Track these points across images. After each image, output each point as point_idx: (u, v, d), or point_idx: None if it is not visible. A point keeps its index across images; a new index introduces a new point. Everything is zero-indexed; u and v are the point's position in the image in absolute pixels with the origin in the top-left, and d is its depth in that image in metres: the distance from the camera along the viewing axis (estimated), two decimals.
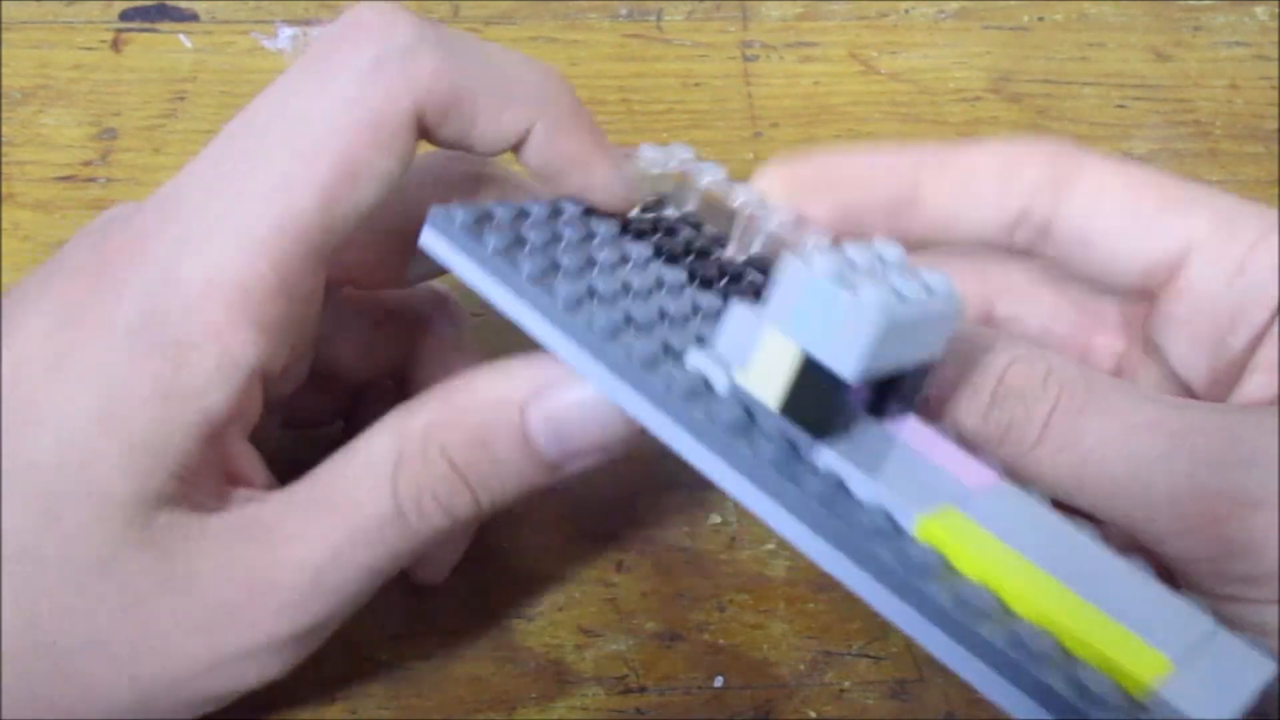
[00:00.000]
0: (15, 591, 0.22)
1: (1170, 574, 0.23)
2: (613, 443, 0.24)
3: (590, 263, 0.25)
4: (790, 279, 0.20)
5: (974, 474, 0.22)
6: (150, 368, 0.22)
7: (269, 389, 0.24)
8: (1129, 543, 0.23)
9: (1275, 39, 0.41)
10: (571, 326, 0.23)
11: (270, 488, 0.25)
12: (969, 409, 0.23)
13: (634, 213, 0.27)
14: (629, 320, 0.23)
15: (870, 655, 0.29)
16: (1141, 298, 0.28)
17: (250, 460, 0.24)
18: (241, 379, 0.23)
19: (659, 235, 0.27)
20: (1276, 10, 0.42)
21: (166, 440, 0.22)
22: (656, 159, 0.27)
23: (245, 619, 0.23)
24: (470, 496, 0.24)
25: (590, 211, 0.27)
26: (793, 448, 0.21)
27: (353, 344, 0.29)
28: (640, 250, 0.26)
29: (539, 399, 0.23)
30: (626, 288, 0.25)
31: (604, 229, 0.26)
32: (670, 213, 0.28)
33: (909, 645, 0.29)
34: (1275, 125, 0.39)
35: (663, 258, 0.26)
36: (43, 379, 0.22)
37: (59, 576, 0.22)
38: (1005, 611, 0.19)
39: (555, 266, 0.24)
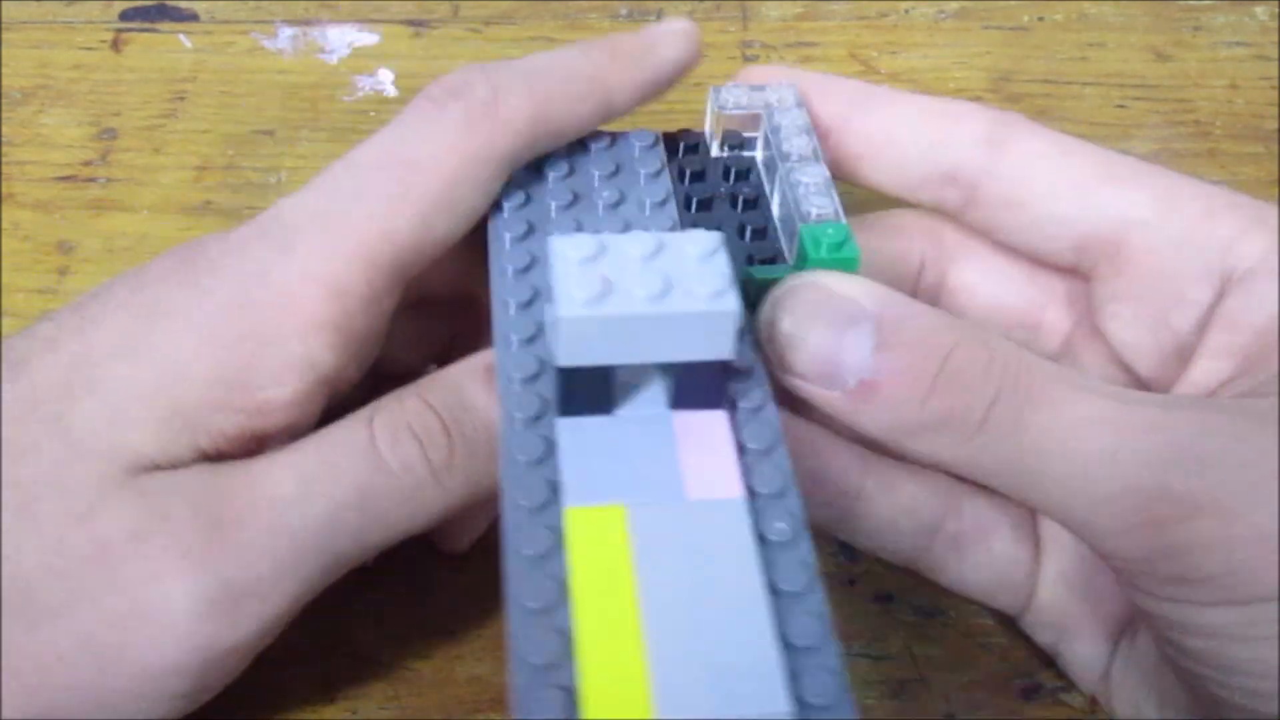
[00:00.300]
0: (12, 554, 0.22)
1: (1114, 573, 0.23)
2: None
3: (584, 203, 0.26)
4: (552, 260, 0.20)
5: (710, 483, 0.21)
6: (218, 356, 0.23)
7: (329, 399, 0.25)
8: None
9: (1275, 39, 0.41)
10: (504, 260, 0.25)
11: None
12: (908, 395, 0.22)
13: (715, 150, 0.28)
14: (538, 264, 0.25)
15: (870, 655, 0.29)
16: (1074, 274, 0.27)
17: None
18: (311, 382, 0.23)
19: (687, 182, 0.27)
20: (1276, 10, 0.42)
21: (207, 418, 0.23)
22: (738, 100, 0.28)
23: (205, 561, 0.22)
24: (443, 432, 0.24)
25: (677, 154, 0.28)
26: (542, 412, 0.22)
27: (403, 337, 0.29)
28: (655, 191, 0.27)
29: None
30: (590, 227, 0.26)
31: (645, 174, 0.27)
32: (749, 153, 0.28)
33: (909, 645, 0.29)
34: (1275, 125, 0.39)
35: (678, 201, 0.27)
36: (108, 360, 0.23)
37: (48, 532, 0.22)
38: (560, 607, 0.19)
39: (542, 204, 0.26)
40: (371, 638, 0.29)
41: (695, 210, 0.27)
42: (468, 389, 0.24)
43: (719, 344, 0.21)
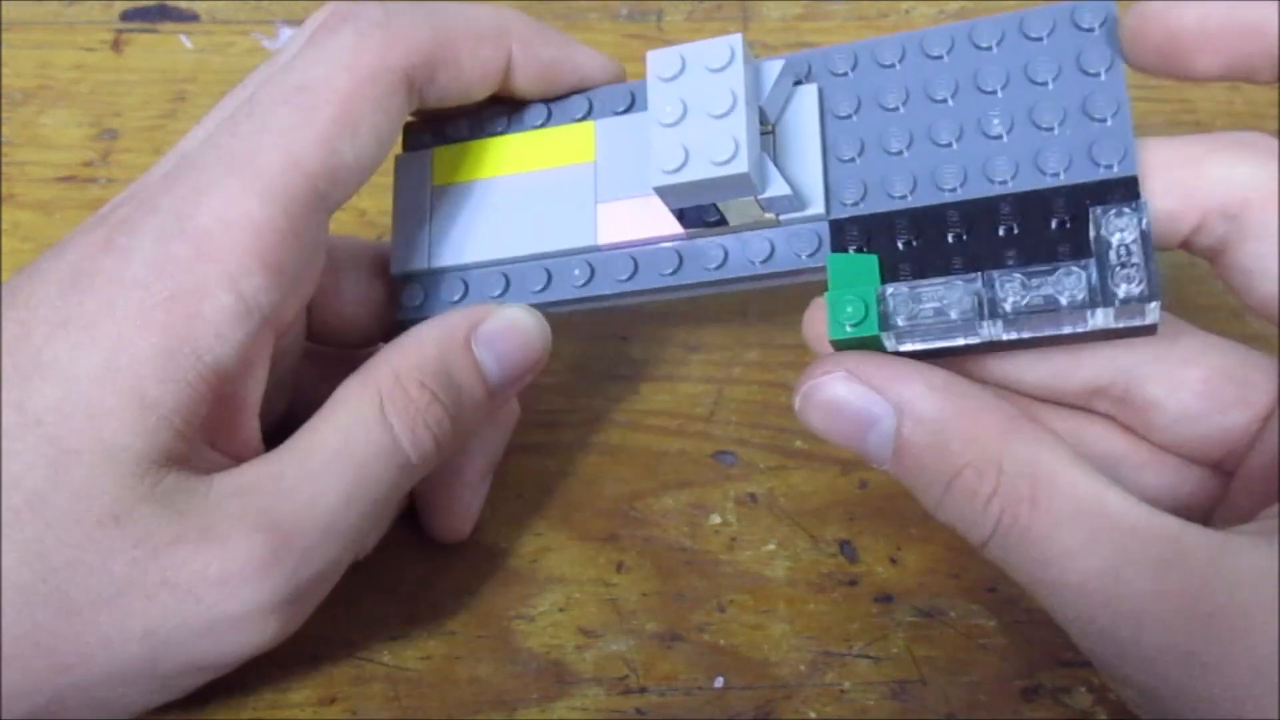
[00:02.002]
0: (26, 542, 0.22)
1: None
2: (536, 360, 0.27)
3: None
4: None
5: (604, 229, 0.27)
6: (158, 321, 0.23)
7: (276, 347, 0.25)
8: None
9: None
10: None
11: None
12: (923, 498, 0.24)
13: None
14: None
15: (870, 655, 0.29)
16: None
17: (252, 430, 0.25)
18: (254, 326, 0.24)
19: None
20: None
21: (174, 398, 0.23)
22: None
23: (276, 569, 0.23)
24: (449, 421, 0.26)
25: None
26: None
27: (352, 299, 0.29)
28: None
29: (478, 328, 0.26)
30: None
31: None
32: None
33: (909, 645, 0.29)
34: (1275, 125, 0.39)
35: None
36: (49, 336, 0.23)
37: (71, 528, 0.22)
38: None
39: None
40: (371, 638, 0.29)
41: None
42: (455, 365, 0.26)
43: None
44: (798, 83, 0.26)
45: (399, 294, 0.28)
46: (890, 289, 0.23)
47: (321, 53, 0.25)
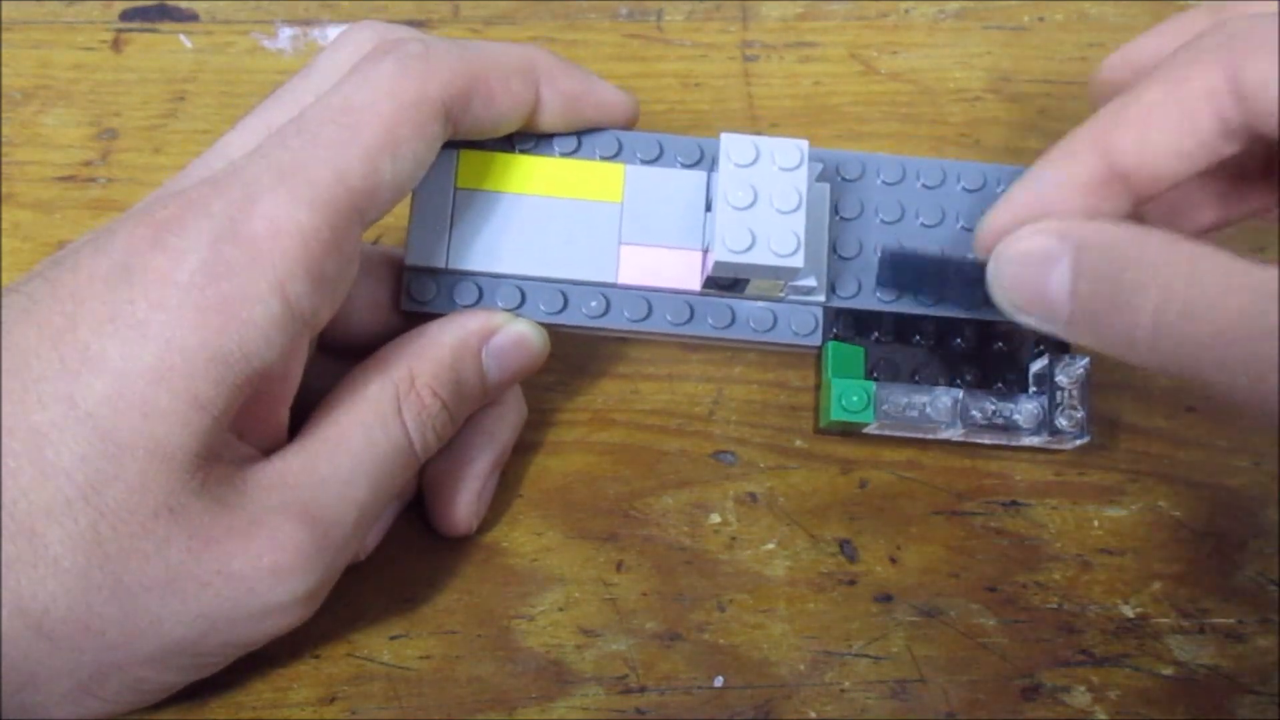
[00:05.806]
0: (80, 531, 0.23)
1: None
2: (533, 369, 0.29)
3: None
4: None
5: (625, 270, 0.29)
6: (212, 324, 0.23)
7: (312, 342, 0.26)
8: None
9: None
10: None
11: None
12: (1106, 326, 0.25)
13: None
14: None
15: (870, 655, 0.29)
16: None
17: (283, 422, 0.26)
18: (295, 333, 0.25)
19: None
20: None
21: (224, 399, 0.24)
22: None
23: (317, 561, 0.25)
24: (450, 424, 0.28)
25: None
26: None
27: (362, 305, 0.30)
28: None
29: (490, 339, 0.29)
30: None
31: None
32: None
33: (909, 645, 0.29)
34: (1275, 125, 0.39)
35: None
36: (97, 330, 0.23)
37: (126, 519, 0.23)
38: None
39: None
40: (371, 638, 0.29)
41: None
42: (465, 375, 0.28)
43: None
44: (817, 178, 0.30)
45: (410, 285, 0.29)
46: (888, 389, 0.29)
47: (367, 79, 0.26)
